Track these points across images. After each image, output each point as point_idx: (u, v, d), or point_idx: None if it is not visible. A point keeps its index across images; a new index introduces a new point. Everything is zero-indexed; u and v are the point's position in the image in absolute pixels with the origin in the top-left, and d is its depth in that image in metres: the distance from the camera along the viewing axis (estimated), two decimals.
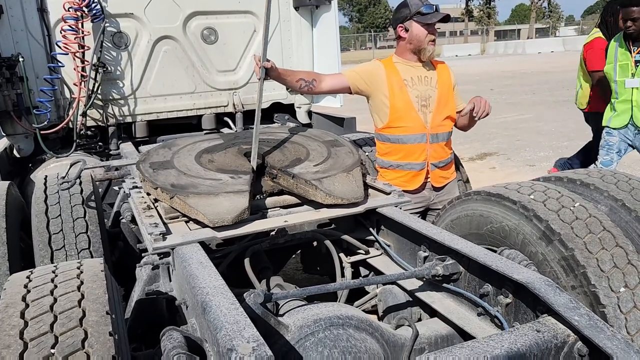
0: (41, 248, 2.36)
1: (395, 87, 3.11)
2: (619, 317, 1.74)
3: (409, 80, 3.13)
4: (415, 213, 3.17)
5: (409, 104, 3.10)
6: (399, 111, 3.10)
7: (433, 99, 3.13)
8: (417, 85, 3.13)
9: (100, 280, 1.55)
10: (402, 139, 3.14)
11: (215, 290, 1.58)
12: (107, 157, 4.22)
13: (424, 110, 3.12)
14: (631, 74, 4.40)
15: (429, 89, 3.14)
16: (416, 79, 3.14)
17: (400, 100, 3.10)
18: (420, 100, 3.11)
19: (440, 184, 3.24)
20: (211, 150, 2.64)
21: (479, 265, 1.80)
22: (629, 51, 4.40)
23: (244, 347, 1.28)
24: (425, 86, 3.14)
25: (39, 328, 1.33)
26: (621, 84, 4.46)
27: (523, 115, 11.71)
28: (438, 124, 3.14)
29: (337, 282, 2.27)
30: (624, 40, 4.43)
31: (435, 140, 3.14)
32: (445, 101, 3.17)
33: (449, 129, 3.23)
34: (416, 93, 3.11)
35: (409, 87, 3.11)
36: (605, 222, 1.97)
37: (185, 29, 4.35)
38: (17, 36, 3.80)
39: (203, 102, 4.57)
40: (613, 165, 4.61)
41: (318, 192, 2.25)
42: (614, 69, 4.50)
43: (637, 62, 4.37)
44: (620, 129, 4.53)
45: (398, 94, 3.10)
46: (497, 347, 1.41)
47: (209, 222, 2.04)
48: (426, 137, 3.12)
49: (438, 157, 3.18)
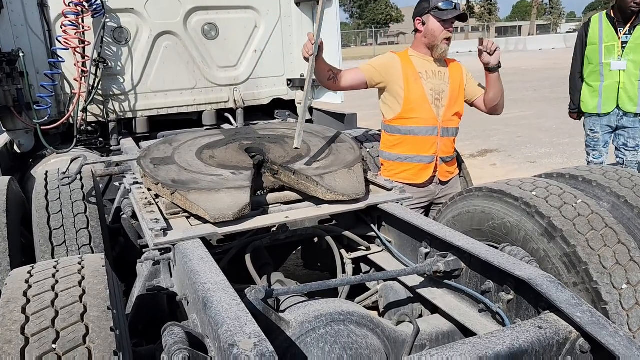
0: (42, 244, 2.36)
1: (411, 79, 3.12)
2: (621, 314, 1.74)
3: (424, 74, 3.14)
4: (419, 207, 3.18)
5: (423, 96, 3.11)
6: (413, 102, 3.12)
7: (446, 93, 3.15)
8: (432, 79, 3.14)
9: (101, 276, 1.55)
10: (414, 130, 3.14)
11: (217, 286, 1.58)
12: (108, 152, 4.21)
13: (437, 104, 3.13)
14: (617, 55, 4.29)
15: (443, 83, 3.15)
16: (430, 73, 3.15)
17: (415, 92, 3.11)
18: (434, 93, 3.12)
19: (446, 178, 3.26)
20: (212, 146, 2.63)
21: (480, 261, 1.80)
22: (615, 32, 4.30)
23: (246, 343, 1.27)
24: (439, 80, 3.15)
25: (40, 323, 1.33)
26: (607, 66, 4.34)
27: (524, 112, 11.69)
28: (449, 119, 3.16)
29: (338, 279, 2.27)
30: (609, 20, 4.32)
31: (445, 134, 3.16)
32: (456, 97, 3.19)
33: (457, 124, 3.25)
34: (430, 86, 3.12)
35: (423, 80, 3.13)
36: (607, 219, 1.96)
37: (185, 25, 4.34)
38: (18, 31, 3.79)
39: (204, 98, 4.57)
40: (603, 159, 4.57)
41: (319, 188, 2.24)
42: (599, 51, 4.37)
43: (624, 43, 4.28)
44: (604, 116, 4.43)
45: (413, 85, 3.11)
46: (499, 343, 1.41)
47: (210, 218, 2.03)
48: (437, 130, 3.13)
49: (447, 151, 3.20)
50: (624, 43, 4.29)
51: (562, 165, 7.21)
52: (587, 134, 4.64)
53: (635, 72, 4.29)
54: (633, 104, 4.33)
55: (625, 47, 4.28)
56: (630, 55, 4.28)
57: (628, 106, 4.33)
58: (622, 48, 4.29)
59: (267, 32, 4.67)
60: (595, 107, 4.50)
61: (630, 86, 4.31)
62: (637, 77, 4.30)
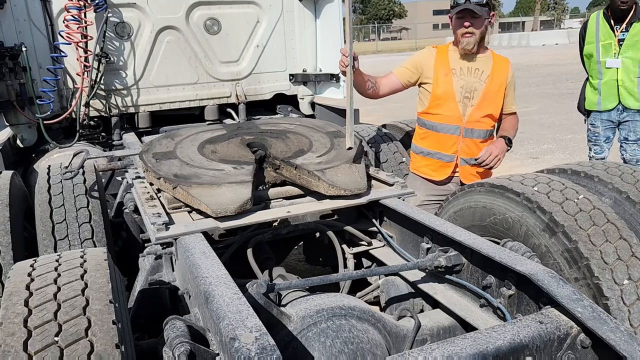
0: (44, 237, 2.37)
1: (441, 74, 3.10)
2: (622, 310, 1.74)
3: (457, 70, 3.11)
4: (436, 204, 3.10)
5: (450, 92, 3.08)
6: (439, 98, 3.10)
7: (478, 92, 3.08)
8: (465, 76, 3.10)
9: (103, 269, 1.56)
10: (436, 127, 3.14)
11: (218, 280, 1.58)
12: (110, 147, 4.22)
13: (466, 102, 3.08)
14: (614, 53, 4.30)
15: (477, 81, 3.09)
16: (465, 70, 3.11)
17: (443, 88, 3.09)
18: (464, 91, 3.08)
19: (470, 182, 3.06)
20: (214, 141, 2.63)
21: (481, 256, 1.80)
22: (611, 30, 4.30)
23: (247, 337, 1.28)
24: (474, 78, 3.10)
25: (42, 316, 1.33)
26: (603, 64, 4.36)
27: (526, 107, 11.66)
28: (476, 119, 3.09)
29: (340, 273, 2.28)
30: (605, 19, 4.33)
31: (469, 135, 3.10)
32: (491, 98, 3.10)
33: (488, 126, 3.14)
34: (462, 83, 3.09)
35: (455, 76, 3.10)
36: (609, 215, 1.96)
37: (188, 20, 4.34)
38: (20, 26, 3.79)
39: (206, 93, 4.56)
40: (605, 154, 4.59)
41: (321, 183, 2.25)
42: (596, 49, 4.38)
43: (620, 41, 4.28)
44: (605, 111, 4.45)
45: (442, 80, 3.09)
46: (500, 338, 1.41)
47: (212, 213, 2.03)
48: (460, 129, 3.09)
49: (470, 153, 3.12)
50: (620, 40, 4.30)
51: (564, 161, 7.18)
52: (588, 129, 4.68)
53: (634, 69, 4.29)
54: (634, 99, 4.34)
55: (622, 45, 4.28)
56: (628, 52, 4.28)
57: (630, 102, 4.35)
58: (619, 45, 4.29)
59: (269, 27, 4.66)
60: (595, 104, 4.53)
61: (629, 83, 4.32)
62: (637, 74, 4.29)
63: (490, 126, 3.17)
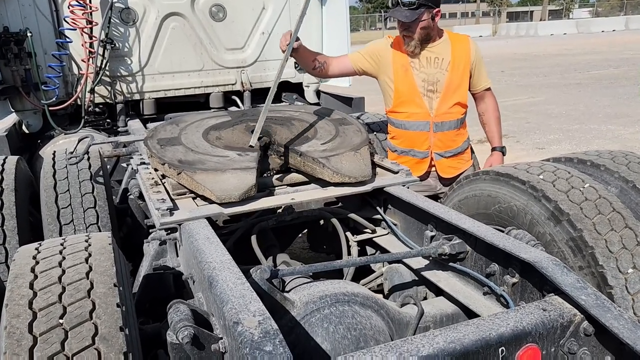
0: (50, 222, 2.38)
1: (400, 70, 3.00)
2: (626, 298, 1.74)
3: (416, 62, 3.00)
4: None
5: (413, 88, 2.98)
6: (403, 95, 3.00)
7: (441, 83, 2.97)
8: (425, 68, 2.99)
9: (108, 253, 1.56)
10: (405, 125, 3.05)
11: (222, 265, 1.59)
12: (115, 134, 4.22)
13: (430, 96, 2.98)
14: None
15: (438, 72, 2.98)
16: (424, 61, 3.00)
17: (404, 85, 2.99)
18: (427, 84, 2.97)
19: (449, 175, 3.08)
20: (219, 127, 2.63)
21: (486, 244, 1.79)
22: None
23: (250, 321, 1.28)
24: (435, 69, 2.99)
25: (47, 298, 1.35)
26: None
27: (534, 97, 11.58)
28: (444, 111, 2.99)
29: (343, 260, 2.28)
30: None
31: (440, 129, 3.01)
32: (456, 86, 2.99)
33: (457, 116, 3.04)
34: (423, 77, 2.98)
35: (415, 70, 2.99)
36: (615, 203, 1.95)
37: (193, 6, 4.31)
38: (25, 11, 3.78)
39: (211, 80, 4.55)
40: None
41: (325, 170, 2.24)
42: None
43: None
44: None
45: (402, 77, 2.99)
46: (503, 325, 1.41)
47: (216, 199, 2.04)
48: (429, 125, 3.00)
49: (444, 146, 3.04)
50: None
51: (571, 151, 7.15)
52: None
53: None
54: None
55: None
56: None
57: None
58: None
59: (275, 14, 4.63)
60: None
61: None
62: None
63: (461, 114, 3.07)
